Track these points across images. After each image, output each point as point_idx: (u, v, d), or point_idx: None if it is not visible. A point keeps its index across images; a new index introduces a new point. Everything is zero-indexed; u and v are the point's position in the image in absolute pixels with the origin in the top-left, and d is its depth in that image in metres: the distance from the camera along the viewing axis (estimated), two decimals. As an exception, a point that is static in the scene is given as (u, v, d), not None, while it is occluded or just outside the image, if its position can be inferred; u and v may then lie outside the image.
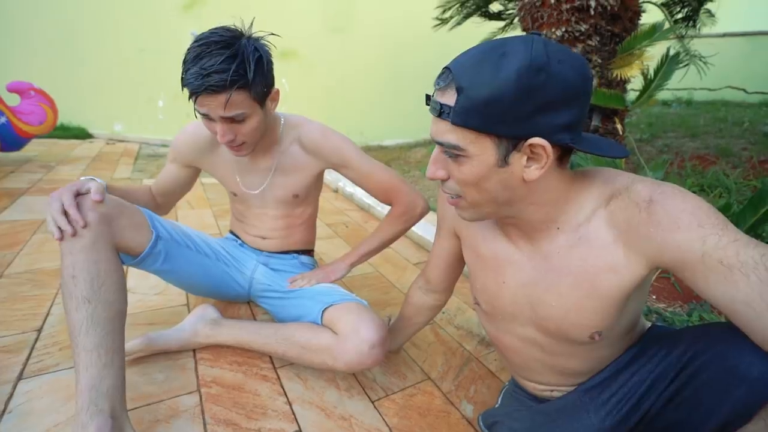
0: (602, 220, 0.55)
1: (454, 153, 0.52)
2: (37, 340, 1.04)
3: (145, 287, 1.33)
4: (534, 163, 0.51)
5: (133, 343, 0.96)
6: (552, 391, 0.74)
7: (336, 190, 2.84)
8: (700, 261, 0.46)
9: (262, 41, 0.89)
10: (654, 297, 1.32)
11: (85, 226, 0.75)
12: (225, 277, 1.13)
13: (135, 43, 4.05)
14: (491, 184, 0.53)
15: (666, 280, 1.41)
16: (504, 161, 0.51)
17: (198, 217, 2.11)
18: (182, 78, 0.82)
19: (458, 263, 0.86)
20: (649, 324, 0.72)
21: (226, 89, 0.80)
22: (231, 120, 0.86)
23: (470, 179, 0.53)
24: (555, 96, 0.47)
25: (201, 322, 1.06)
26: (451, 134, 0.51)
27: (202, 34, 0.83)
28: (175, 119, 4.16)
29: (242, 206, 1.16)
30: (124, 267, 0.86)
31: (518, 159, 0.51)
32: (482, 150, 0.51)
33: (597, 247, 0.55)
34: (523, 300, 0.65)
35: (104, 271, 0.76)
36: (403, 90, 4.58)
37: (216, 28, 0.84)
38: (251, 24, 0.89)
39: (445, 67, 0.52)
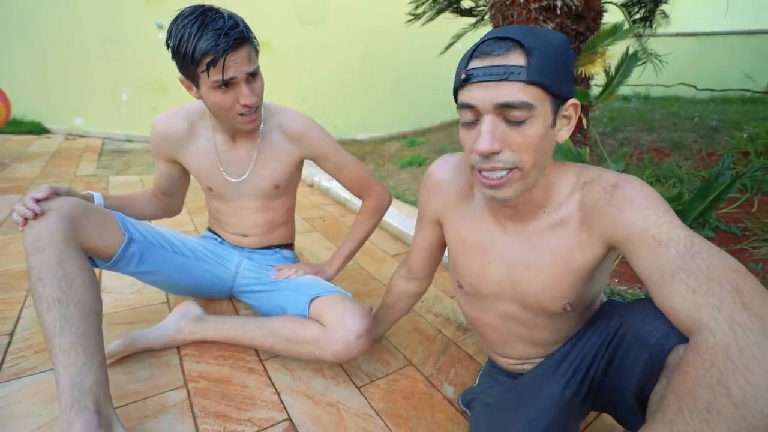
0: (576, 202, 0.62)
1: (522, 115, 0.53)
2: (9, 343, 1.01)
3: (121, 286, 1.30)
4: (565, 126, 0.59)
5: (115, 344, 0.95)
6: (523, 364, 0.81)
7: (311, 185, 2.84)
8: (639, 236, 0.52)
9: None
10: (616, 280, 1.43)
11: (38, 215, 0.76)
12: (205, 275, 1.13)
13: (97, 33, 3.84)
14: (545, 146, 0.57)
15: (626, 265, 1.53)
16: (554, 122, 0.57)
17: (172, 215, 2.06)
18: (192, 52, 0.80)
19: (439, 250, 0.90)
20: (605, 299, 0.79)
21: (246, 42, 0.84)
22: (252, 77, 0.88)
23: (535, 141, 0.55)
24: (573, 66, 0.58)
25: (184, 319, 1.06)
26: (523, 93, 0.52)
27: (184, 10, 0.83)
28: (140, 113, 3.99)
29: (219, 202, 1.14)
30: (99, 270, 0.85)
31: (558, 121, 0.58)
32: (545, 109, 0.55)
33: (571, 227, 0.63)
34: (506, 279, 0.70)
35: (70, 270, 0.75)
36: (377, 84, 4.59)
37: (189, 6, 0.84)
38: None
39: (494, 37, 0.54)
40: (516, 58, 0.53)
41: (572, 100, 0.58)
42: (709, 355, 0.41)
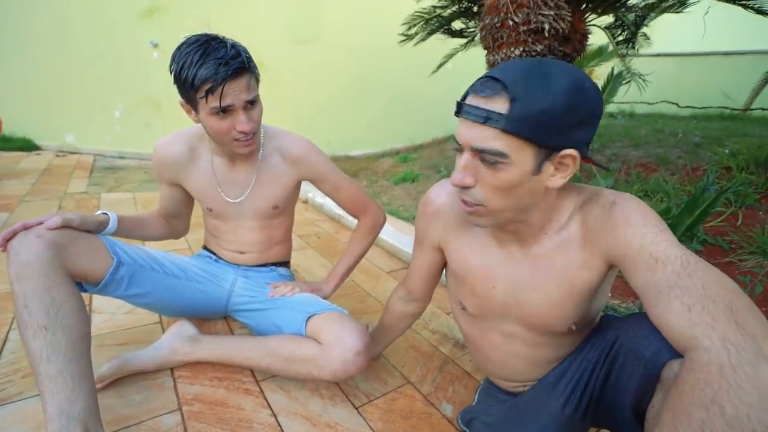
0: (577, 222, 0.63)
1: (495, 160, 0.54)
2: (-4, 367, 0.98)
3: (112, 306, 1.28)
4: (559, 173, 0.57)
5: (106, 367, 0.93)
6: (524, 386, 0.80)
7: (306, 201, 2.84)
8: (637, 252, 0.53)
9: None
10: (610, 294, 1.44)
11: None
12: (198, 295, 1.12)
13: (90, 50, 3.85)
14: (521, 191, 0.57)
15: (619, 279, 1.55)
16: (538, 169, 0.55)
17: (164, 232, 2.04)
18: (192, 79, 0.82)
19: (438, 273, 0.90)
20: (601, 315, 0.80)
21: (246, 71, 0.86)
22: (249, 106, 0.90)
23: (504, 186, 0.55)
24: (588, 113, 0.53)
25: (178, 339, 1.04)
26: (497, 141, 0.53)
27: (188, 38, 0.85)
28: (132, 130, 3.98)
29: (218, 221, 1.15)
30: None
31: (548, 168, 0.56)
32: (523, 158, 0.53)
33: (574, 247, 0.64)
34: (512, 300, 0.71)
35: (58, 297, 0.75)
36: (370, 101, 4.65)
37: (194, 35, 0.86)
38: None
39: (489, 77, 0.54)
40: (500, 104, 0.52)
41: (570, 151, 0.54)
42: (703, 374, 0.41)
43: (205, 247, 1.24)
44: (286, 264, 1.29)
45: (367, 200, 1.18)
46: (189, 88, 0.84)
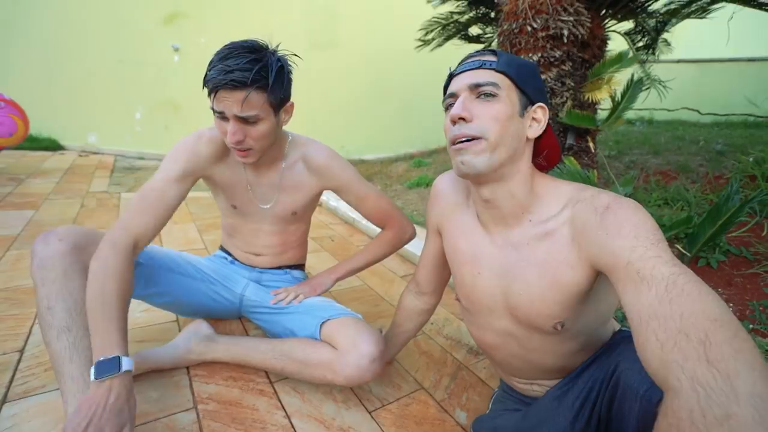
0: (567, 219, 0.62)
1: (490, 91, 0.63)
2: (20, 361, 1.01)
3: (131, 304, 1.30)
4: (535, 124, 0.67)
5: (125, 362, 0.95)
6: (532, 384, 0.80)
7: (320, 204, 2.86)
8: (624, 268, 0.50)
9: (287, 58, 0.92)
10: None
11: None
12: (213, 296, 1.13)
13: (113, 53, 3.97)
14: (511, 127, 0.64)
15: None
16: (522, 112, 0.65)
17: (182, 232, 2.08)
18: (205, 76, 0.84)
19: (445, 263, 0.90)
20: (618, 328, 0.78)
21: (245, 87, 0.81)
22: (244, 121, 0.85)
23: (500, 116, 0.63)
24: (543, 87, 0.68)
25: (194, 338, 1.05)
26: (491, 76, 0.63)
27: (233, 42, 0.85)
28: (152, 131, 4.08)
29: (237, 221, 1.15)
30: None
31: (528, 116, 0.66)
32: (511, 95, 0.64)
33: (559, 244, 0.62)
34: (497, 290, 0.71)
35: (80, 299, 0.77)
36: (385, 105, 4.67)
37: (246, 39, 0.87)
38: (278, 45, 0.92)
39: (475, 52, 0.69)
40: (489, 57, 0.66)
41: (540, 104, 0.66)
42: (675, 420, 0.38)
43: (221, 248, 1.26)
44: (300, 267, 1.30)
45: (392, 213, 1.14)
46: (204, 84, 0.86)
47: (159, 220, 0.89)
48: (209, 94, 0.86)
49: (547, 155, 0.73)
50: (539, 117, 0.66)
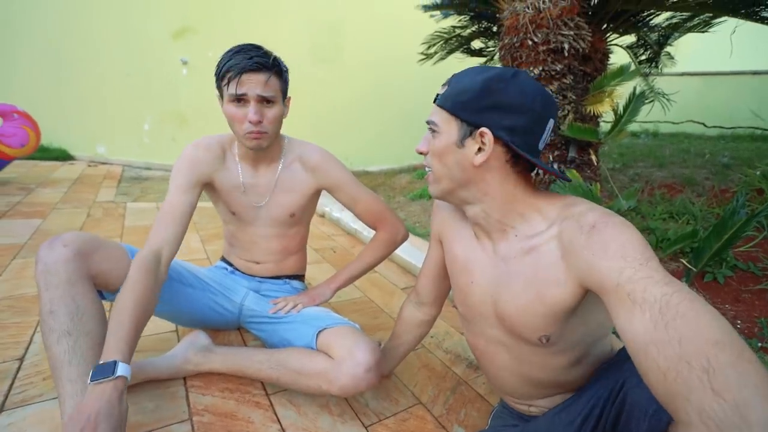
0: (554, 236, 0.61)
1: (432, 128, 0.67)
2: (19, 369, 1.01)
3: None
4: (482, 152, 0.63)
5: (122, 371, 0.95)
6: (529, 406, 0.78)
7: (323, 215, 2.87)
8: (614, 290, 0.49)
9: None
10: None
11: None
12: (213, 306, 1.14)
13: (123, 66, 4.07)
14: (450, 160, 0.66)
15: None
16: (461, 143, 0.64)
17: (185, 242, 2.07)
18: (221, 69, 0.92)
19: (445, 274, 0.90)
20: (620, 346, 0.77)
21: (268, 69, 0.93)
22: (264, 102, 0.95)
23: (437, 151, 0.66)
24: (507, 101, 0.60)
25: (192, 349, 1.05)
26: (434, 115, 0.67)
27: (238, 44, 0.95)
28: (160, 142, 4.15)
29: (237, 227, 1.16)
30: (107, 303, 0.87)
31: (471, 145, 0.63)
32: (449, 129, 0.65)
33: (546, 260, 0.61)
34: (488, 299, 0.71)
35: (82, 304, 0.79)
36: (389, 117, 4.72)
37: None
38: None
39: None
40: (442, 89, 0.67)
41: (481, 129, 0.61)
42: None
43: (223, 258, 1.27)
44: (300, 277, 1.30)
45: (385, 213, 1.17)
46: (218, 77, 0.94)
47: (176, 231, 0.94)
48: (227, 83, 0.92)
49: (545, 171, 0.73)
50: (483, 142, 0.61)
